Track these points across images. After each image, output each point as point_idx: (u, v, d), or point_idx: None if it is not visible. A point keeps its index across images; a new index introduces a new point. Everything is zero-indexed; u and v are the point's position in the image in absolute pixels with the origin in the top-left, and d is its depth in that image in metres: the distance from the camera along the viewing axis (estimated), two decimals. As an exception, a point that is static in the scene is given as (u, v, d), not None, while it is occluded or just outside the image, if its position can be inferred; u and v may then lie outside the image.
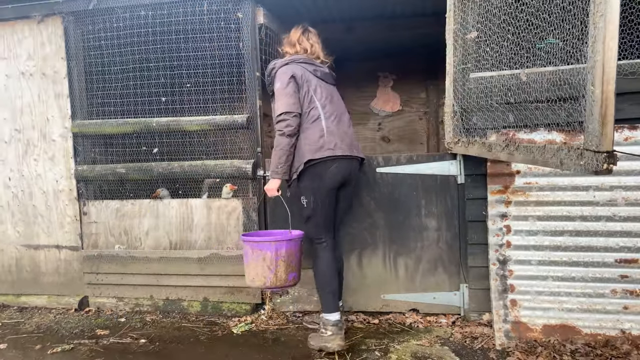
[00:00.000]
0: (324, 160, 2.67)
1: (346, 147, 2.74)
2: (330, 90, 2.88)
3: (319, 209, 2.74)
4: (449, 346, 2.74)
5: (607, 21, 1.53)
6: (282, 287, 2.75)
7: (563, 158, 1.79)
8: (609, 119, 1.58)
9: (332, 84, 2.93)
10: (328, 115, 2.76)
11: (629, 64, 2.60)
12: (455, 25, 2.82)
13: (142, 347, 2.94)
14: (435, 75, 5.31)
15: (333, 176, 2.72)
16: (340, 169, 2.73)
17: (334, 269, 2.77)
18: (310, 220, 2.78)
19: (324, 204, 2.75)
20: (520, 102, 2.48)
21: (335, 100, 2.87)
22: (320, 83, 2.83)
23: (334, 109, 2.81)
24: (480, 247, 2.97)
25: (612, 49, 1.54)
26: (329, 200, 2.76)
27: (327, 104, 2.78)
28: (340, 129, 2.77)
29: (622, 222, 2.58)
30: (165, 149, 3.77)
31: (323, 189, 2.72)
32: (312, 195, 2.73)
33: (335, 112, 2.80)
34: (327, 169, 2.70)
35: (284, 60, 2.86)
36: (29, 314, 3.64)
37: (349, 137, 2.81)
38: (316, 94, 2.77)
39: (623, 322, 2.58)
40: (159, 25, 3.43)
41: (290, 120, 2.67)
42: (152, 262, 3.56)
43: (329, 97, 2.83)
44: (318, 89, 2.79)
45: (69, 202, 3.72)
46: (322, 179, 2.70)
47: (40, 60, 3.69)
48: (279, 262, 2.65)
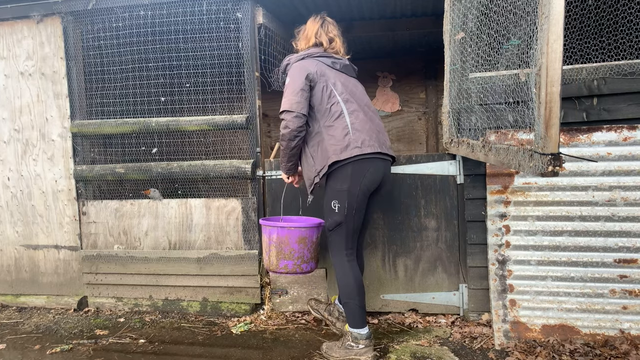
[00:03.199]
0: (354, 159, 2.42)
1: (376, 144, 2.48)
2: (353, 83, 2.63)
3: (352, 215, 2.48)
4: (448, 346, 2.74)
5: (551, 23, 1.52)
6: (275, 272, 2.75)
7: (520, 160, 1.80)
8: (553, 121, 1.56)
9: (353, 77, 2.68)
10: (351, 110, 2.49)
11: (628, 64, 2.60)
12: (448, 25, 2.83)
13: (141, 347, 2.94)
14: (434, 75, 5.32)
15: (370, 176, 2.46)
16: (377, 170, 2.48)
17: (361, 282, 2.56)
18: (339, 227, 2.51)
19: (359, 210, 2.49)
20: (494, 103, 2.50)
21: (358, 93, 2.61)
22: (339, 76, 2.57)
23: (357, 103, 2.54)
24: (479, 247, 2.97)
25: (557, 50, 1.52)
26: (363, 206, 2.51)
27: (349, 98, 2.52)
28: (367, 124, 2.51)
29: (621, 222, 2.58)
30: (165, 149, 3.77)
31: (359, 193, 2.45)
32: (346, 199, 2.45)
33: (359, 107, 2.53)
34: (361, 169, 2.44)
35: (299, 55, 2.61)
36: (28, 314, 3.63)
37: (378, 133, 2.55)
38: (336, 87, 2.51)
39: (622, 322, 2.58)
40: (158, 25, 3.43)
41: (289, 121, 2.46)
42: (151, 262, 3.56)
43: (351, 90, 2.57)
44: (338, 82, 2.53)
45: (68, 202, 3.71)
46: (357, 180, 2.44)
47: (39, 60, 3.69)
48: (271, 247, 2.68)
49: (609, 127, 2.57)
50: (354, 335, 2.55)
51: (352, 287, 2.52)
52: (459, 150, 2.75)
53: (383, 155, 2.52)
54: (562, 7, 1.49)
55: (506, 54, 2.21)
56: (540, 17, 1.58)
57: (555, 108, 1.55)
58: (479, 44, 2.40)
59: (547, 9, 1.52)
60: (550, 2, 1.50)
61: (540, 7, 1.57)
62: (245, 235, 3.43)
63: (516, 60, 2.09)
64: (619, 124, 2.61)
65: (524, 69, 2.08)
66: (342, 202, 2.46)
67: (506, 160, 1.95)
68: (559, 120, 1.56)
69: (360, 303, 2.54)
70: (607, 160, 2.58)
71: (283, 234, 2.66)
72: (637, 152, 2.53)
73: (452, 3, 2.76)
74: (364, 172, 2.45)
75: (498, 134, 2.69)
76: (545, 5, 1.53)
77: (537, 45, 1.61)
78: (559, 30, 1.51)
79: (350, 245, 2.56)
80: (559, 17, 1.50)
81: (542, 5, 1.55)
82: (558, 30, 1.51)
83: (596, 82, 2.66)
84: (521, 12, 1.84)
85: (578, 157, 2.23)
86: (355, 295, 2.52)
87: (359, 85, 2.68)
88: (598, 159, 2.58)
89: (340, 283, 2.57)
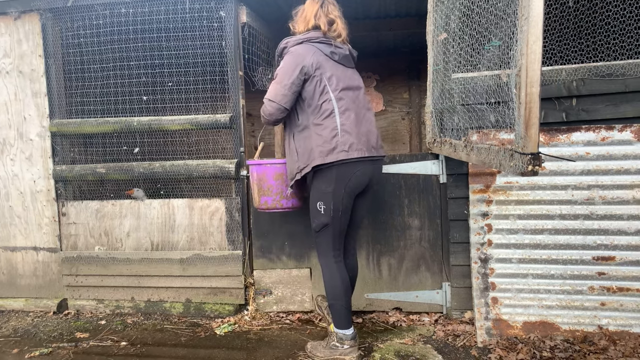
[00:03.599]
0: (339, 163, 2.37)
1: (365, 148, 2.41)
2: (349, 76, 2.48)
3: (338, 217, 2.45)
4: (432, 344, 2.76)
5: (530, 25, 1.54)
6: (258, 208, 2.92)
7: (501, 159, 1.82)
8: (533, 122, 1.59)
9: (351, 67, 2.55)
10: (343, 109, 2.38)
11: (605, 66, 2.66)
12: (431, 26, 2.85)
13: (123, 349, 2.90)
14: (417, 76, 5.36)
15: (356, 180, 2.42)
16: (364, 173, 2.44)
17: (348, 283, 2.54)
18: (326, 229, 2.47)
19: (344, 212, 2.46)
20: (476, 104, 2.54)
21: (354, 88, 2.48)
22: (337, 69, 2.42)
23: (351, 101, 2.43)
24: (462, 245, 3.00)
25: (536, 51, 1.55)
26: (349, 208, 2.48)
27: (342, 96, 2.39)
28: (357, 126, 2.41)
29: (599, 220, 2.64)
30: (147, 149, 3.72)
31: (344, 195, 2.41)
32: (332, 201, 2.41)
33: (352, 105, 2.43)
34: (346, 173, 2.39)
35: (297, 38, 2.45)
36: (5, 318, 3.55)
37: (369, 134, 2.48)
38: (331, 83, 2.38)
39: (600, 318, 2.64)
40: (140, 23, 3.38)
41: (271, 111, 2.41)
42: (133, 264, 3.51)
43: (347, 86, 2.43)
44: (333, 77, 2.39)
45: (47, 202, 3.64)
46: (342, 184, 2.40)
47: (17, 57, 3.60)
48: (254, 185, 2.89)
49: (588, 127, 2.62)
50: (339, 335, 2.56)
51: (339, 289, 2.50)
52: (442, 150, 2.77)
53: (371, 157, 2.47)
54: (541, 9, 1.51)
55: (487, 54, 2.24)
56: (520, 19, 1.60)
57: (535, 108, 1.58)
58: (461, 44, 2.43)
59: (526, 10, 1.54)
60: (530, 4, 1.52)
61: (520, 9, 1.59)
62: (229, 235, 3.41)
63: (497, 61, 2.11)
64: (597, 124, 2.67)
65: (505, 70, 2.11)
66: (327, 203, 2.43)
67: (487, 159, 1.97)
68: (538, 121, 1.59)
69: (346, 304, 2.53)
70: (586, 159, 2.63)
71: (261, 171, 2.82)
72: (614, 151, 2.59)
73: (435, 4, 2.79)
74: (350, 176, 2.40)
75: (480, 134, 2.72)
76: (524, 7, 1.55)
77: (517, 47, 1.63)
78: (538, 32, 1.53)
79: (338, 247, 2.53)
80: (539, 19, 1.52)
81: (521, 7, 1.57)
82: (537, 32, 1.53)
83: (575, 83, 2.71)
84: (502, 14, 1.86)
85: (557, 156, 2.27)
86: (342, 297, 2.51)
87: (355, 76, 2.54)
88: (577, 158, 2.63)
89: (327, 285, 2.55)
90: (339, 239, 2.52)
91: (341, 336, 2.55)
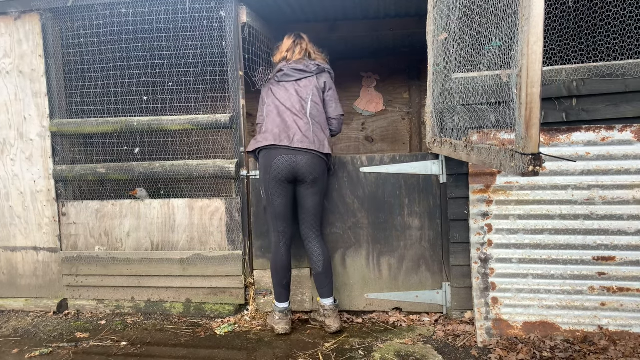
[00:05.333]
0: (261, 152, 2.96)
1: (286, 140, 2.88)
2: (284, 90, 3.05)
3: (271, 201, 2.95)
4: (432, 344, 2.76)
5: (531, 25, 1.54)
6: None
7: (502, 160, 1.82)
8: (534, 122, 1.59)
9: (290, 82, 3.05)
10: (270, 118, 3.02)
11: (605, 66, 2.66)
12: (432, 26, 2.85)
13: (124, 349, 2.90)
14: (418, 76, 5.35)
15: (277, 167, 2.88)
16: (286, 161, 2.87)
17: (282, 265, 2.98)
18: (266, 211, 3.05)
19: (276, 196, 2.93)
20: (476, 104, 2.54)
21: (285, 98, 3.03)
22: (275, 87, 3.08)
23: (277, 111, 3.01)
24: (462, 245, 3.00)
25: (537, 52, 1.54)
26: (281, 193, 2.93)
27: (272, 109, 3.05)
28: (278, 125, 2.95)
29: (599, 220, 2.64)
30: (147, 149, 3.72)
31: (270, 181, 2.92)
32: (263, 186, 3.00)
33: (277, 113, 3.00)
34: (266, 161, 2.92)
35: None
36: (5, 318, 3.55)
37: (288, 130, 2.91)
38: (268, 98, 3.10)
39: (601, 318, 2.64)
40: (140, 23, 3.38)
41: None
42: (134, 264, 3.51)
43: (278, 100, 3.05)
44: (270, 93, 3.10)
45: (48, 202, 3.64)
46: (266, 170, 2.93)
47: (17, 57, 3.61)
48: None
49: (588, 128, 2.62)
50: (273, 306, 3.06)
51: (273, 266, 3.00)
52: (442, 150, 2.77)
53: (292, 149, 2.87)
54: (542, 10, 1.51)
55: (488, 55, 2.24)
56: (520, 19, 1.60)
57: (536, 109, 1.57)
58: (462, 44, 2.43)
59: (527, 11, 1.54)
60: (531, 5, 1.52)
61: (520, 9, 1.59)
62: (229, 235, 3.41)
63: (498, 62, 2.11)
64: (598, 124, 2.67)
65: (505, 70, 2.11)
66: (264, 189, 2.98)
67: (488, 160, 1.97)
68: (539, 121, 1.58)
69: (277, 282, 2.99)
70: (586, 159, 2.63)
71: None
72: (614, 151, 2.59)
73: (436, 4, 2.78)
74: (270, 163, 2.90)
75: (480, 134, 2.72)
76: (525, 8, 1.55)
77: (518, 47, 1.63)
78: (539, 32, 1.53)
79: (281, 229, 2.98)
80: (539, 19, 1.52)
81: (522, 7, 1.57)
82: (538, 32, 1.53)
83: (575, 83, 2.71)
84: (502, 14, 1.86)
85: (558, 157, 2.27)
86: (275, 275, 2.99)
87: (291, 88, 3.04)
88: (577, 158, 2.63)
89: (270, 261, 3.08)
90: (279, 221, 2.97)
91: (274, 307, 3.04)
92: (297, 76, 3.04)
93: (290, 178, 2.91)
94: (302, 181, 2.93)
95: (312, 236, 3.01)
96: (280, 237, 2.99)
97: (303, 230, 3.03)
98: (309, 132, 2.92)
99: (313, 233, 3.02)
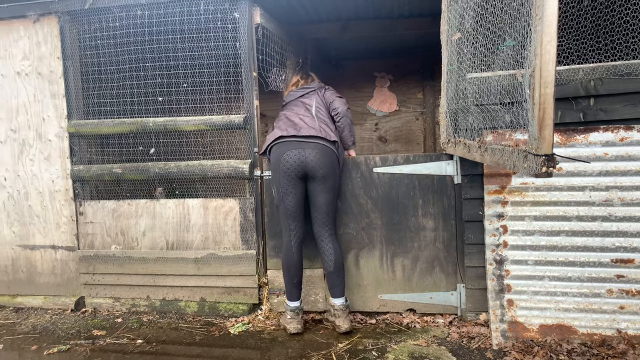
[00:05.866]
0: (270, 149, 3.02)
1: (292, 130, 2.96)
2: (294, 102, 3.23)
3: (282, 198, 2.99)
4: (446, 346, 2.74)
5: (544, 24, 1.52)
6: None
7: (515, 160, 1.80)
8: (547, 122, 1.56)
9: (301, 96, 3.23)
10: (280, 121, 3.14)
11: (624, 65, 2.61)
12: (445, 26, 2.83)
13: (139, 347, 2.94)
14: (431, 76, 5.33)
15: (286, 162, 2.92)
16: (295, 154, 2.91)
17: (293, 263, 3.00)
18: (278, 208, 3.08)
19: (287, 194, 2.97)
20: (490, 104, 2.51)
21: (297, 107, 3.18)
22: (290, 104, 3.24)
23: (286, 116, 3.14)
24: (477, 247, 2.97)
25: (550, 52, 1.52)
26: (291, 191, 2.96)
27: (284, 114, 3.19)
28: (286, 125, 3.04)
29: (618, 222, 2.59)
30: (162, 149, 3.76)
31: (281, 178, 2.96)
32: (274, 184, 3.04)
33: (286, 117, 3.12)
34: (276, 156, 2.96)
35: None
36: (24, 315, 3.62)
37: (295, 125, 3.00)
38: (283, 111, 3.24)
39: (619, 321, 2.59)
40: (156, 25, 3.42)
41: None
42: (149, 263, 3.55)
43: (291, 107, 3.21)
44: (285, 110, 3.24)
45: (65, 202, 3.70)
46: (276, 167, 2.97)
47: (36, 59, 3.67)
48: None
49: (606, 128, 2.58)
50: (285, 305, 3.07)
51: (284, 265, 3.03)
52: (456, 151, 2.75)
53: (299, 138, 2.92)
54: (555, 9, 1.49)
55: (502, 54, 2.21)
56: (534, 19, 1.58)
57: (549, 109, 1.55)
58: (476, 44, 2.41)
59: (540, 10, 1.52)
60: (544, 4, 1.50)
61: (534, 9, 1.57)
62: (243, 235, 3.43)
63: (511, 61, 2.09)
64: (616, 124, 2.62)
65: (519, 70, 2.09)
66: (276, 187, 3.02)
67: (501, 160, 1.95)
68: (552, 122, 1.56)
69: (288, 280, 3.02)
70: (604, 160, 2.59)
71: None
72: (633, 152, 2.54)
73: (449, 4, 2.76)
74: (279, 158, 2.94)
75: (494, 135, 2.70)
76: (538, 7, 1.53)
77: (531, 47, 1.61)
78: (552, 31, 1.50)
79: (292, 227, 3.01)
80: (553, 18, 1.50)
81: (535, 6, 1.55)
82: (551, 31, 1.51)
83: (593, 82, 2.67)
84: (516, 13, 1.84)
85: (571, 157, 2.24)
86: (286, 273, 3.02)
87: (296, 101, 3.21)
88: (595, 159, 2.59)
89: (281, 259, 3.09)
90: (290, 218, 3.00)
91: (285, 306, 3.06)
92: (300, 93, 3.24)
93: (300, 173, 2.93)
94: (313, 177, 2.94)
95: (324, 235, 3.02)
96: (291, 235, 3.02)
97: (315, 228, 3.04)
98: (314, 123, 3.01)
99: (325, 232, 3.02)
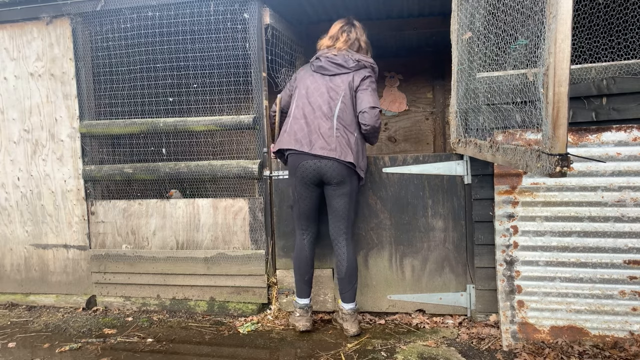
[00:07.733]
0: (289, 155, 2.93)
1: (307, 147, 2.83)
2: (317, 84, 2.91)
3: (297, 200, 2.98)
4: (456, 347, 2.73)
5: (559, 23, 1.50)
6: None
7: (527, 160, 1.78)
8: (561, 122, 1.55)
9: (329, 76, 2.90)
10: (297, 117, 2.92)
11: (637, 64, 2.58)
12: (456, 25, 2.82)
13: (149, 346, 2.96)
14: (441, 75, 5.29)
15: (302, 171, 2.87)
16: (310, 166, 2.85)
17: (305, 260, 3.00)
18: (292, 209, 3.08)
19: (301, 198, 2.95)
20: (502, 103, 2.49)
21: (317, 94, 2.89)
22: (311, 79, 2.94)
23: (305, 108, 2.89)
24: (487, 247, 2.95)
25: (565, 50, 1.50)
26: (307, 195, 2.94)
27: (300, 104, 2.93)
28: (305, 126, 2.87)
29: (630, 222, 2.56)
30: (172, 149, 3.79)
31: (297, 183, 2.93)
32: (291, 186, 3.03)
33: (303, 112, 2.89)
34: (293, 163, 2.90)
35: None
36: (37, 313, 3.67)
37: (315, 135, 2.83)
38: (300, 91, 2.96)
39: (632, 323, 2.56)
40: (166, 26, 3.45)
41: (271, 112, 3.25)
42: (159, 262, 3.58)
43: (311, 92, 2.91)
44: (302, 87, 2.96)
45: (77, 202, 3.75)
46: (292, 173, 2.94)
47: (48, 61, 3.72)
48: None
49: (619, 127, 2.55)
50: (294, 302, 3.06)
51: (295, 262, 3.03)
52: (467, 151, 2.73)
53: (314, 155, 2.82)
54: (570, 7, 1.47)
55: (514, 53, 2.20)
56: (548, 17, 1.56)
57: (563, 108, 1.54)
58: (487, 43, 2.39)
59: (555, 8, 1.50)
60: (558, 2, 1.48)
61: (548, 7, 1.56)
62: (253, 235, 3.44)
63: (524, 60, 2.07)
64: (629, 123, 2.59)
65: (531, 69, 2.07)
66: (292, 189, 3.00)
67: (514, 160, 1.94)
68: (567, 121, 1.55)
69: (299, 277, 3.01)
70: (617, 160, 2.55)
71: None
72: (647, 152, 2.51)
73: (460, 2, 2.75)
74: (296, 166, 2.89)
75: (506, 134, 2.68)
76: (553, 5, 1.52)
77: (545, 45, 1.59)
78: (567, 30, 1.49)
79: (304, 226, 3.02)
80: (567, 16, 1.48)
81: (550, 4, 1.54)
82: (566, 30, 1.49)
83: (605, 81, 2.63)
84: (529, 12, 1.83)
85: (586, 157, 2.21)
86: (297, 270, 3.02)
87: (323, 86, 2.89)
88: (607, 159, 2.55)
89: (293, 256, 3.09)
90: (303, 220, 3.01)
91: (295, 304, 3.05)
92: (332, 71, 2.89)
93: (316, 180, 2.88)
94: (328, 183, 2.88)
95: (339, 239, 2.96)
96: (303, 234, 3.02)
97: (331, 231, 2.99)
98: (331, 138, 2.80)
99: (340, 237, 2.95)
